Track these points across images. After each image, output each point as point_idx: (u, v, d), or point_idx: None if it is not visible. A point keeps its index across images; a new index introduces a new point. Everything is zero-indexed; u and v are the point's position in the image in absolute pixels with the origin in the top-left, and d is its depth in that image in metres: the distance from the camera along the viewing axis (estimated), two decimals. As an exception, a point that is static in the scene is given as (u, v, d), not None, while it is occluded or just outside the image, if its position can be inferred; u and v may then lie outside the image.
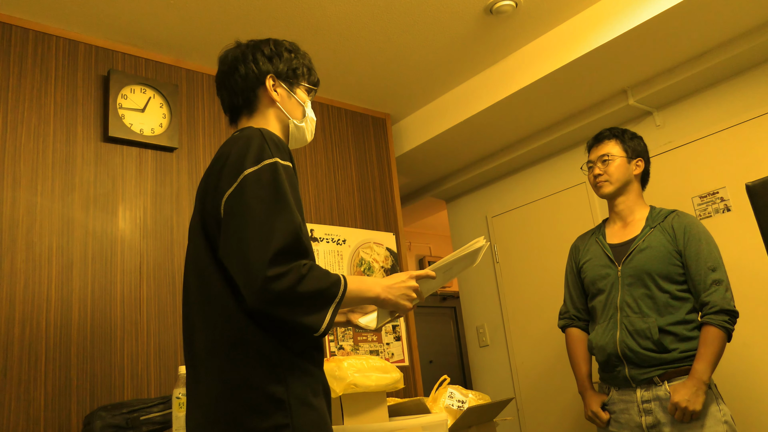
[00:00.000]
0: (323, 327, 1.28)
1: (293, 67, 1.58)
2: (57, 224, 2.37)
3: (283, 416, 1.26)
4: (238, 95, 1.55)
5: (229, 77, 1.56)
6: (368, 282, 1.43)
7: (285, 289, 1.23)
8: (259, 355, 1.28)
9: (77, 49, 2.61)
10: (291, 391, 1.28)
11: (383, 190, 3.48)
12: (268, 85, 1.54)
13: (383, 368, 2.08)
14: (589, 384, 2.34)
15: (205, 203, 1.40)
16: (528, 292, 3.70)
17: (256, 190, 1.29)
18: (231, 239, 1.29)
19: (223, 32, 2.74)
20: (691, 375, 2.03)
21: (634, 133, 2.38)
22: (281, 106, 1.55)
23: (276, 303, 1.24)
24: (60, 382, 2.23)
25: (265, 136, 1.37)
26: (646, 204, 2.36)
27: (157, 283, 2.54)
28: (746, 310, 2.77)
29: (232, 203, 1.31)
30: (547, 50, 2.98)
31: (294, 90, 1.58)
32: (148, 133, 2.65)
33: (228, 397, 1.27)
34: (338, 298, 1.31)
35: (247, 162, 1.32)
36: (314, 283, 1.27)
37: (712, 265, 2.11)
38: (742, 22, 2.68)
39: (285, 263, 1.24)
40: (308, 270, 1.27)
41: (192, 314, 1.41)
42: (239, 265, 1.27)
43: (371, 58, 3.05)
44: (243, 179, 1.31)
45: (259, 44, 1.58)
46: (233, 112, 1.59)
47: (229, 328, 1.31)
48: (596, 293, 2.30)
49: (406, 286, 1.46)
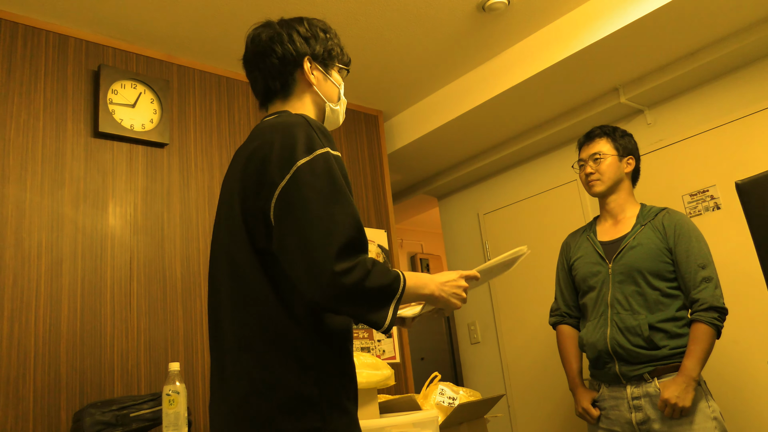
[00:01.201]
0: (387, 322, 1.25)
1: (329, 48, 1.52)
2: (46, 220, 2.36)
3: (317, 419, 1.23)
4: (275, 78, 1.47)
5: (265, 59, 1.47)
6: (424, 278, 1.39)
7: (353, 284, 1.19)
8: (294, 355, 1.25)
9: (67, 43, 2.59)
10: (324, 393, 1.25)
11: (375, 187, 3.47)
12: (306, 67, 1.48)
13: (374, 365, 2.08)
14: (580, 381, 2.35)
15: (247, 195, 1.32)
16: (519, 289, 3.70)
17: (313, 182, 1.24)
18: (290, 234, 1.23)
19: (214, 28, 2.72)
20: (680, 372, 2.04)
21: (624, 131, 2.39)
22: (318, 89, 1.50)
23: (344, 298, 1.20)
24: (49, 379, 2.21)
25: (312, 125, 1.32)
26: (636, 202, 2.37)
27: (148, 280, 2.53)
28: (735, 308, 2.79)
29: (288, 196, 1.25)
30: (539, 48, 2.99)
31: (329, 72, 1.53)
32: (138, 128, 2.64)
33: (259, 395, 1.24)
34: (399, 294, 1.28)
35: (298, 153, 1.26)
36: (379, 279, 1.24)
37: (702, 262, 2.13)
38: (732, 21, 2.70)
39: (351, 257, 1.21)
40: (372, 265, 1.24)
41: (221, 310, 1.36)
42: (302, 260, 1.21)
43: (363, 55, 3.05)
44: (296, 170, 1.25)
45: (293, 23, 1.51)
46: (267, 95, 1.51)
47: (264, 325, 1.27)
48: (587, 290, 2.31)
49: (457, 285, 1.44)
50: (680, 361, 2.08)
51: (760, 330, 2.69)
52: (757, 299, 2.69)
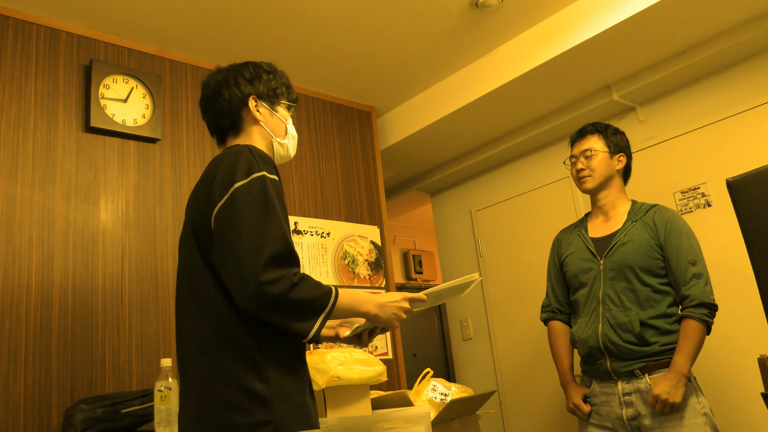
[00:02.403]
0: (311, 334, 1.36)
1: (272, 87, 1.67)
2: (37, 215, 2.35)
3: (266, 413, 1.32)
4: (223, 117, 1.63)
5: (214, 101, 1.63)
6: (362, 297, 1.50)
7: (278, 294, 1.30)
8: (243, 355, 1.35)
9: (59, 37, 2.57)
10: (273, 389, 1.34)
11: (368, 183, 3.47)
12: (251, 105, 1.62)
13: (366, 361, 2.08)
14: (571, 377, 2.36)
15: (195, 215, 1.48)
16: (511, 286, 3.71)
17: (247, 201, 1.37)
18: (225, 247, 1.36)
19: (207, 23, 2.71)
20: (671, 368, 2.05)
21: (616, 129, 2.40)
22: (264, 124, 1.64)
23: (269, 307, 1.32)
24: (40, 375, 2.20)
25: (252, 152, 1.45)
26: (628, 198, 2.38)
27: (140, 276, 2.52)
28: (726, 304, 2.81)
29: (225, 214, 1.39)
30: (532, 45, 2.99)
31: (275, 108, 1.67)
32: (130, 123, 2.63)
33: (212, 394, 1.35)
34: (328, 308, 1.38)
35: (237, 176, 1.40)
36: (305, 292, 1.35)
37: (692, 259, 2.14)
38: (724, 19, 2.71)
39: (278, 269, 1.32)
40: (299, 279, 1.34)
41: (184, 317, 1.48)
42: (233, 271, 1.34)
43: (357, 51, 3.04)
44: (234, 191, 1.39)
45: (239, 68, 1.66)
46: (220, 134, 1.67)
47: (218, 329, 1.38)
48: (578, 287, 2.32)
49: (398, 307, 1.53)
50: (671, 358, 2.09)
51: (751, 326, 2.71)
52: (748, 295, 2.71)
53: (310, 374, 1.94)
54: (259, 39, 2.88)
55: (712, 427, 2.04)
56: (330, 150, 3.35)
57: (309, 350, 2.10)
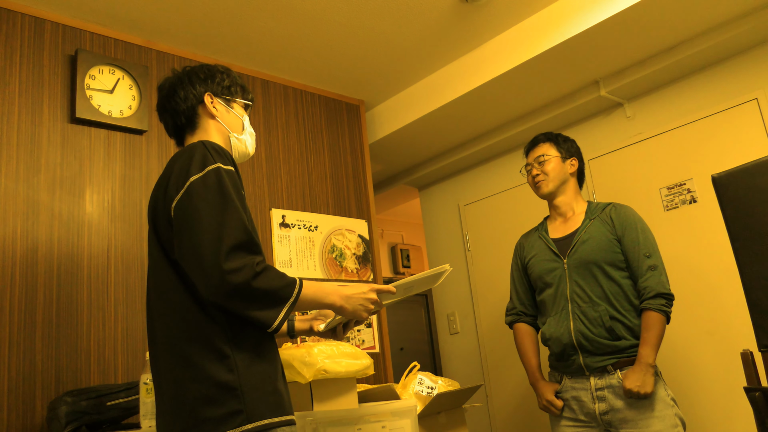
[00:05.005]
0: (275, 324, 1.37)
1: (227, 86, 1.69)
2: (21, 207, 2.32)
3: (237, 403, 1.33)
4: (180, 115, 1.64)
5: (170, 100, 1.65)
6: (327, 289, 1.50)
7: (240, 283, 1.31)
8: (211, 348, 1.36)
9: (44, 27, 2.54)
10: (243, 378, 1.35)
11: (356, 177, 3.47)
12: (206, 101, 1.64)
13: (353, 354, 2.09)
14: (540, 375, 2.41)
15: (156, 212, 1.49)
16: (498, 280, 3.73)
17: (204, 194, 1.38)
18: (185, 240, 1.37)
19: (194, 14, 2.69)
20: (637, 360, 2.13)
21: (567, 137, 2.53)
22: (221, 120, 1.65)
23: (232, 296, 1.32)
24: (24, 367, 2.19)
25: (206, 146, 1.47)
26: (584, 200, 2.48)
27: (126, 268, 2.50)
28: (710, 299, 2.84)
29: (183, 208, 1.40)
30: (520, 40, 3.00)
31: (231, 105, 1.69)
32: (116, 114, 2.61)
33: (184, 389, 1.36)
34: (292, 299, 1.39)
35: (192, 169, 1.41)
36: (269, 282, 1.35)
37: (646, 251, 2.22)
38: (711, 16, 2.72)
39: (239, 258, 1.33)
40: (262, 268, 1.35)
41: (153, 314, 1.50)
42: (196, 263, 1.34)
43: (346, 44, 3.03)
44: (190, 185, 1.40)
45: (193, 69, 1.69)
46: (177, 133, 1.68)
47: (184, 324, 1.39)
48: (544, 287, 2.39)
49: (365, 298, 1.54)
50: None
51: (735, 321, 2.74)
52: (732, 290, 2.74)
53: (297, 367, 1.95)
54: (248, 31, 2.86)
55: (678, 416, 2.12)
56: (318, 143, 3.34)
57: (296, 344, 2.09)
